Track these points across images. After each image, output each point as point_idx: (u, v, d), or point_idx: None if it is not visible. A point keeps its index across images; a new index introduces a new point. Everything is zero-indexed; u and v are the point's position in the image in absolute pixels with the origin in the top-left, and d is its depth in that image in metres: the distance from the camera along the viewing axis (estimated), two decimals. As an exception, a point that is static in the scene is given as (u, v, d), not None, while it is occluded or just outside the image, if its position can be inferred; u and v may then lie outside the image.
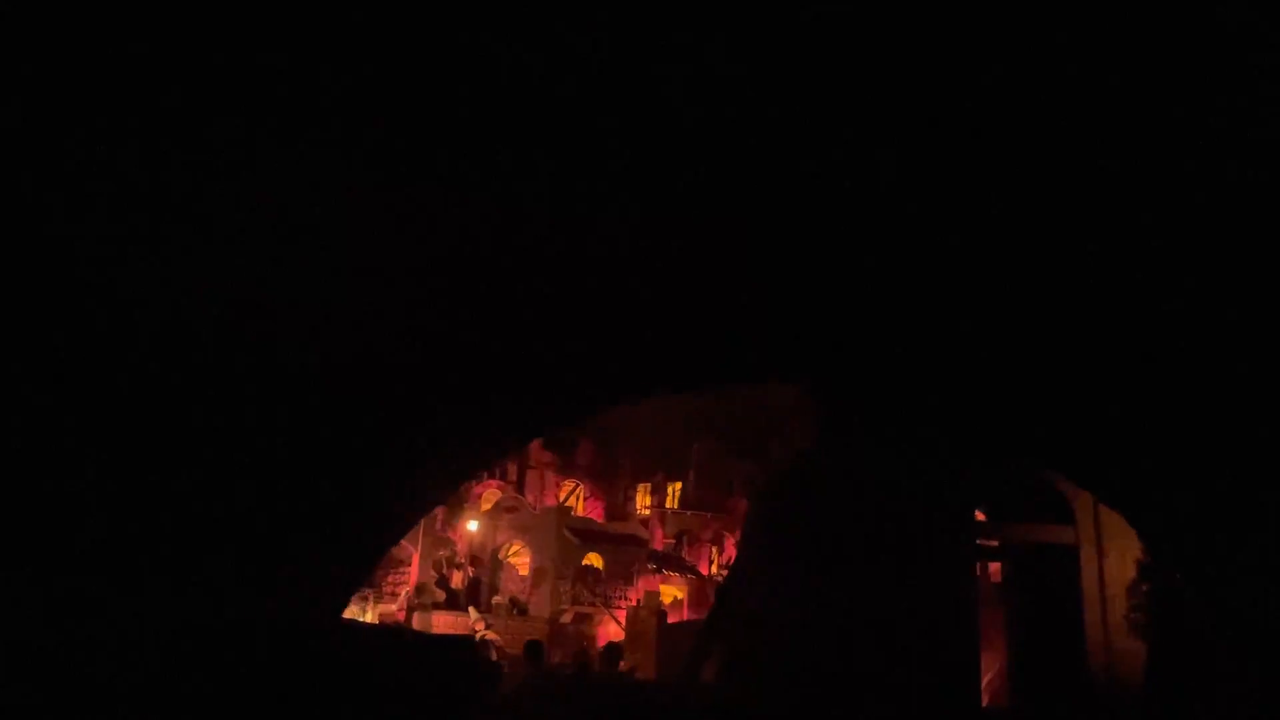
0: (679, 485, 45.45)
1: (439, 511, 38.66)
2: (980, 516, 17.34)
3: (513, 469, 44.10)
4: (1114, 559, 15.41)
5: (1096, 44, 5.15)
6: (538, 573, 36.77)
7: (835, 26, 5.13)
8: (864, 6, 4.97)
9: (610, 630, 34.62)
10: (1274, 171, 5.66)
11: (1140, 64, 5.29)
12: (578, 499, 45.50)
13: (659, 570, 38.78)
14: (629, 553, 38.61)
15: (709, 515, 42.64)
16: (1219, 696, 13.80)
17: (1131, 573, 15.20)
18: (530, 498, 42.68)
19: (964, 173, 6.98)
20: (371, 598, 30.01)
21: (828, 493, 17.57)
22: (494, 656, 26.26)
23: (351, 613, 28.24)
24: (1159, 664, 14.67)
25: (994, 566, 19.66)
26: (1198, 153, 5.87)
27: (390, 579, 36.08)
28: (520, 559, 38.62)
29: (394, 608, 32.27)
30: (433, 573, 34.89)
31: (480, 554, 37.10)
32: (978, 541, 16.75)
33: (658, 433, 45.72)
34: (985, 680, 17.36)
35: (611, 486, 46.11)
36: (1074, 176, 6.76)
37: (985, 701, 17.16)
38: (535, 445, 45.54)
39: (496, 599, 35.49)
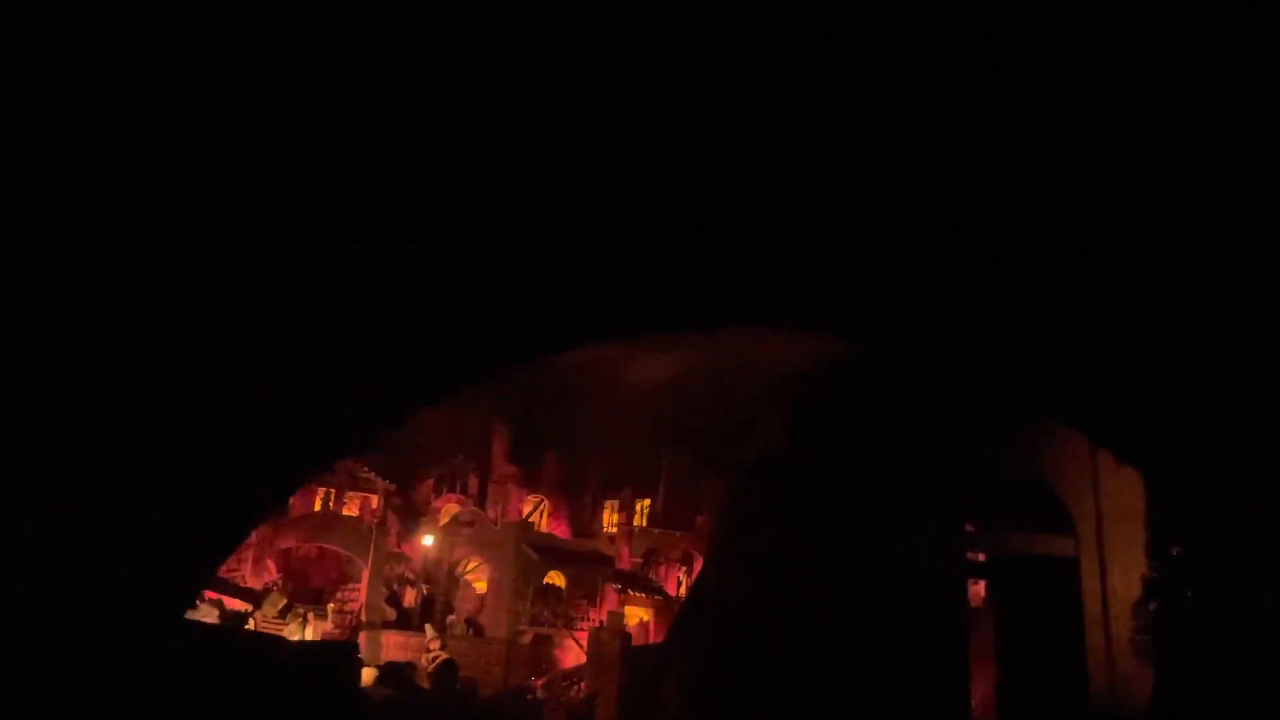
0: (648, 502, 43.78)
1: (393, 525, 36.78)
2: (968, 528, 15.87)
3: (474, 482, 42.28)
4: (1118, 574, 13.97)
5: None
6: (496, 591, 34.87)
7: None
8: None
9: (571, 653, 32.82)
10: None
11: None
12: (541, 515, 43.67)
13: (624, 590, 36.99)
14: (593, 571, 36.82)
15: (678, 534, 40.95)
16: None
17: (1137, 589, 13.76)
18: (491, 512, 40.80)
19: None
20: (312, 616, 28.02)
21: (800, 497, 16.17)
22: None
23: (289, 633, 26.23)
24: (1167, 690, 13.22)
25: (973, 589, 18.18)
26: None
27: (339, 595, 34.09)
28: (478, 576, 36.71)
29: (329, 625, 30.22)
30: (384, 590, 32.92)
31: (435, 571, 35.17)
32: (964, 551, 15.29)
33: (626, 447, 44.16)
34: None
35: (577, 502, 44.32)
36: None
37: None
38: (499, 458, 43.78)
39: (451, 618, 33.57)
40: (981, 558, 15.48)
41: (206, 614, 21.29)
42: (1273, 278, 7.42)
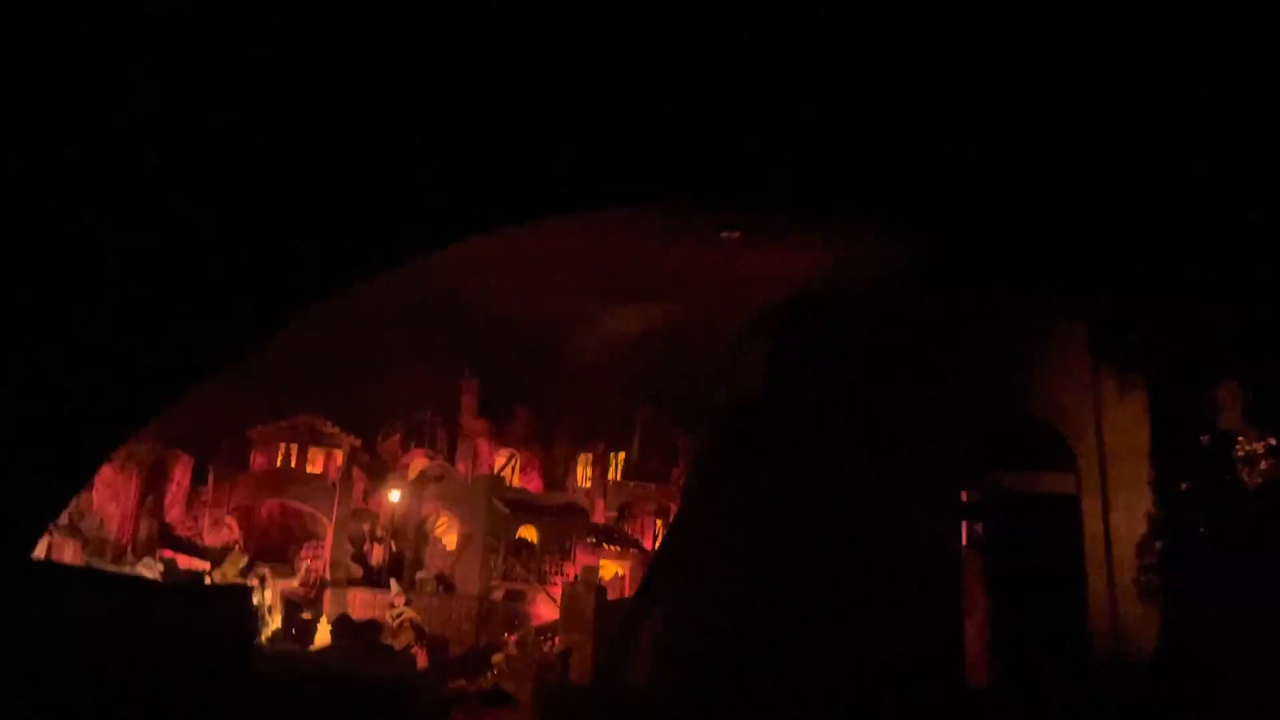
0: (622, 455, 42.87)
1: (359, 481, 35.64)
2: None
3: (442, 437, 41.16)
4: (1122, 512, 13.08)
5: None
6: (466, 547, 33.93)
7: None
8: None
9: (544, 608, 32.03)
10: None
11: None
12: (513, 470, 42.63)
13: (599, 544, 36.18)
14: (566, 525, 35.94)
15: (653, 487, 40.14)
16: (1244, 671, 11.66)
17: (1143, 528, 12.88)
18: (461, 468, 39.74)
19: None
20: (270, 574, 26.94)
21: (777, 443, 15.18)
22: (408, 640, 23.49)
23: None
24: (1175, 634, 12.44)
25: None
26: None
27: (303, 554, 33.03)
28: (448, 532, 35.74)
29: (295, 583, 29.19)
30: (350, 547, 31.87)
31: (404, 527, 34.12)
32: (959, 491, 14.37)
33: (599, 400, 43.20)
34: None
35: (550, 456, 43.32)
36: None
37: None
38: (468, 412, 42.68)
39: (421, 575, 32.63)
40: (964, 497, 14.54)
41: (148, 568, 20.17)
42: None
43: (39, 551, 20.13)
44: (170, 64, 5.20)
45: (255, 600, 23.49)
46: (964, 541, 15.74)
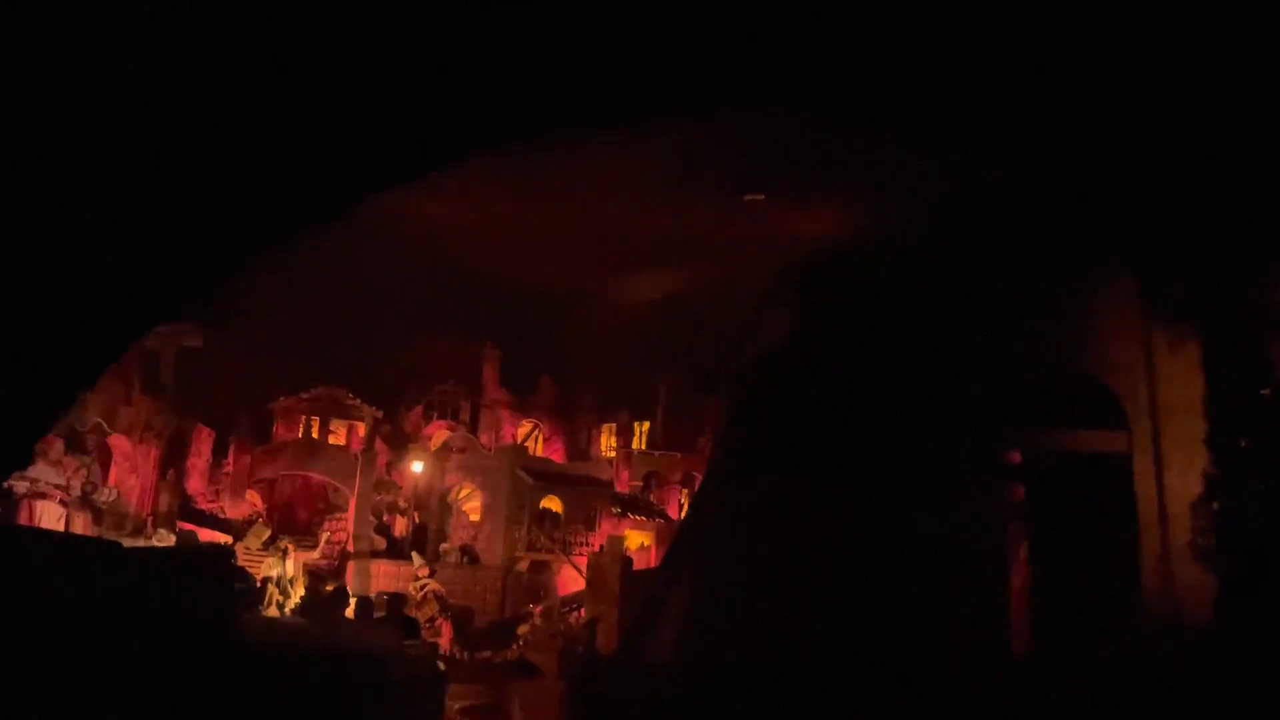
0: (647, 425, 42.41)
1: (382, 453, 35.38)
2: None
3: (465, 408, 40.84)
4: (1176, 471, 12.37)
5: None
6: (490, 517, 33.63)
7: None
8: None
9: (569, 578, 31.73)
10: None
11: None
12: (536, 440, 42.29)
13: (624, 514, 35.79)
14: (590, 495, 35.55)
15: (678, 456, 39.66)
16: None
17: (1198, 488, 12.18)
18: (484, 438, 39.42)
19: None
20: (292, 547, 26.72)
21: (806, 404, 14.52)
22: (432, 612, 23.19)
23: (267, 566, 24.89)
24: (1233, 599, 11.77)
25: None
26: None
27: (327, 525, 32.85)
28: (471, 503, 35.46)
29: (316, 555, 28.97)
30: (372, 518, 31.63)
31: (427, 498, 33.84)
32: (1000, 451, 13.67)
33: (622, 369, 42.70)
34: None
35: (573, 427, 42.92)
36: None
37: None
38: (490, 383, 42.32)
39: (444, 546, 32.37)
40: (1017, 457, 13.81)
41: (161, 540, 19.95)
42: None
43: (57, 524, 19.92)
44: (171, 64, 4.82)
45: (277, 572, 23.27)
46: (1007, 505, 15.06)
